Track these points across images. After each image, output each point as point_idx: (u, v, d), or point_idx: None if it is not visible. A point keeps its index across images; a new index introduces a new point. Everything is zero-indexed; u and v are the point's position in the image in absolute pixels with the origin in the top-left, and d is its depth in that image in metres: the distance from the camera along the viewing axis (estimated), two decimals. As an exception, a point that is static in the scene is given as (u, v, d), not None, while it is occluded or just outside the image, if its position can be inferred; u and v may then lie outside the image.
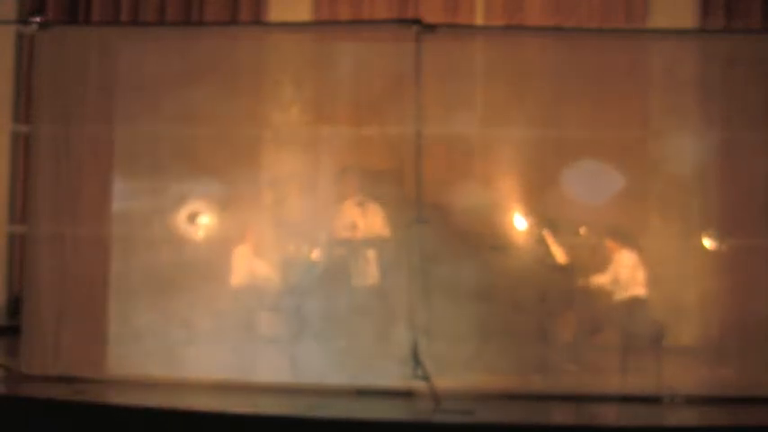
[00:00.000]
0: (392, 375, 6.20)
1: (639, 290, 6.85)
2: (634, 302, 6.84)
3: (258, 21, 9.16)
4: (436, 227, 6.43)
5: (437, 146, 6.56)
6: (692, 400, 6.16)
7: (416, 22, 6.49)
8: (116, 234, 6.78)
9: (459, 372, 6.20)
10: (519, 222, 6.96)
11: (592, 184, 6.72)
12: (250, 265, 7.02)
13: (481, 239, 6.64)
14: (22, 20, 8.64)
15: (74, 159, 6.78)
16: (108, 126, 6.80)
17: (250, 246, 7.07)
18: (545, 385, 6.29)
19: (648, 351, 6.64)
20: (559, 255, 6.92)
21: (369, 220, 6.99)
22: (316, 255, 6.89)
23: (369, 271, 6.73)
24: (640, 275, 6.86)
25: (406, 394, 6.12)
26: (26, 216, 7.22)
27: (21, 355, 6.67)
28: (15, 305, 8.17)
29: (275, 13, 9.28)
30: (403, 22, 6.71)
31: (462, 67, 6.80)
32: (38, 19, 7.02)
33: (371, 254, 6.79)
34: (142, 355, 6.49)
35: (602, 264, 6.98)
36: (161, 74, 6.82)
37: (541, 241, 6.93)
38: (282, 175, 6.99)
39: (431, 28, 6.49)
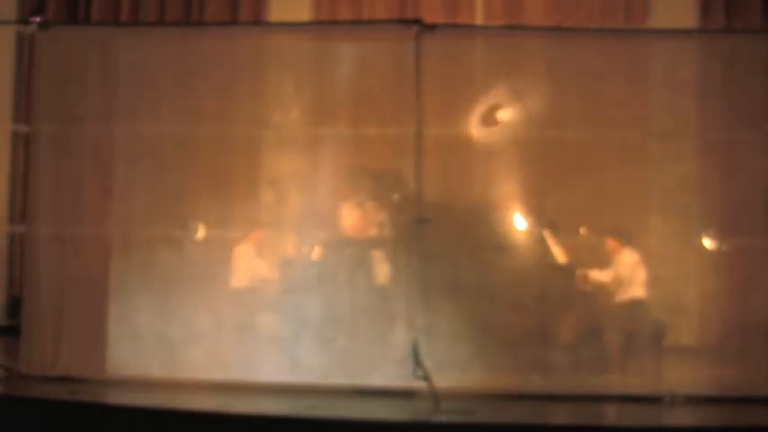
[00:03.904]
0: (392, 375, 6.20)
1: (639, 290, 6.85)
2: (634, 302, 6.84)
3: (258, 21, 9.17)
4: (436, 227, 6.43)
5: (437, 146, 6.55)
6: (692, 400, 6.16)
7: (416, 22, 6.50)
8: (116, 234, 6.77)
9: (459, 372, 6.20)
10: (519, 222, 6.96)
11: (591, 184, 6.72)
12: (250, 265, 7.02)
13: (481, 239, 6.63)
14: (22, 20, 8.65)
15: (74, 159, 6.79)
16: (108, 126, 6.80)
17: (250, 246, 7.06)
18: (545, 385, 6.29)
19: (648, 351, 6.64)
20: (559, 255, 6.92)
21: (369, 221, 6.99)
22: (316, 255, 6.89)
23: (368, 271, 6.72)
24: (640, 275, 6.86)
25: (406, 394, 6.12)
26: (26, 216, 7.22)
27: (21, 355, 6.67)
28: (15, 305, 8.17)
29: (275, 13, 9.28)
30: (403, 22, 6.71)
31: (462, 67, 6.80)
32: (38, 19, 7.03)
33: (371, 254, 6.78)
34: (142, 355, 6.49)
35: (602, 264, 6.98)
36: (161, 74, 6.82)
37: (541, 241, 6.93)
38: (282, 175, 6.99)
39: (431, 28, 6.50)
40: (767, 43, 6.70)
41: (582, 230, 6.96)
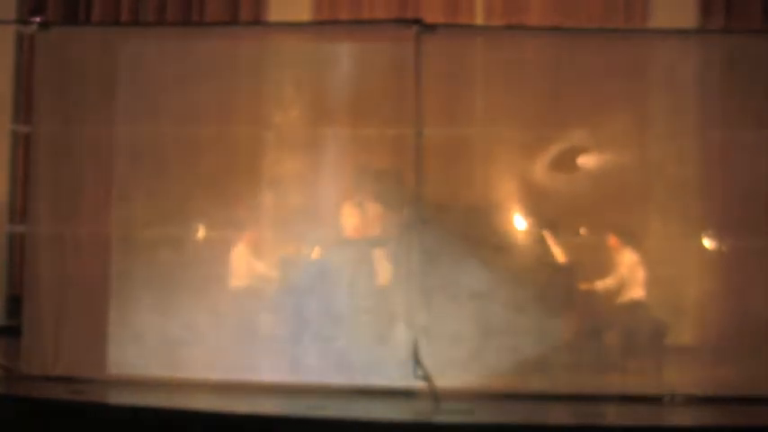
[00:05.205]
0: (392, 375, 6.20)
1: (639, 290, 6.85)
2: (634, 302, 6.84)
3: (258, 21, 9.17)
4: (436, 227, 6.44)
5: (437, 146, 6.56)
6: (692, 400, 6.16)
7: (416, 22, 6.50)
8: (116, 234, 6.77)
9: (459, 372, 6.20)
10: (519, 222, 6.96)
11: (591, 184, 6.73)
12: (250, 266, 7.02)
13: (481, 239, 6.63)
14: (22, 20, 8.64)
15: (74, 159, 6.79)
16: (108, 126, 6.81)
17: (250, 245, 7.06)
18: (545, 385, 6.29)
19: (648, 351, 6.65)
20: (559, 255, 6.92)
21: (369, 220, 6.99)
22: (316, 255, 6.89)
23: (368, 271, 6.72)
24: (640, 275, 6.86)
25: (406, 394, 6.12)
26: (26, 216, 7.22)
27: (21, 355, 6.68)
28: (15, 305, 8.17)
29: (275, 13, 9.28)
30: (403, 22, 6.71)
31: (462, 66, 6.80)
32: (38, 19, 7.04)
33: (371, 254, 6.79)
34: (142, 355, 6.49)
35: (602, 264, 6.98)
36: (161, 74, 6.82)
37: (541, 241, 6.93)
38: (283, 175, 6.99)
39: (431, 28, 6.50)
40: (767, 43, 6.70)
41: (582, 230, 6.96)
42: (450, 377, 6.10)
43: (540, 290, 6.54)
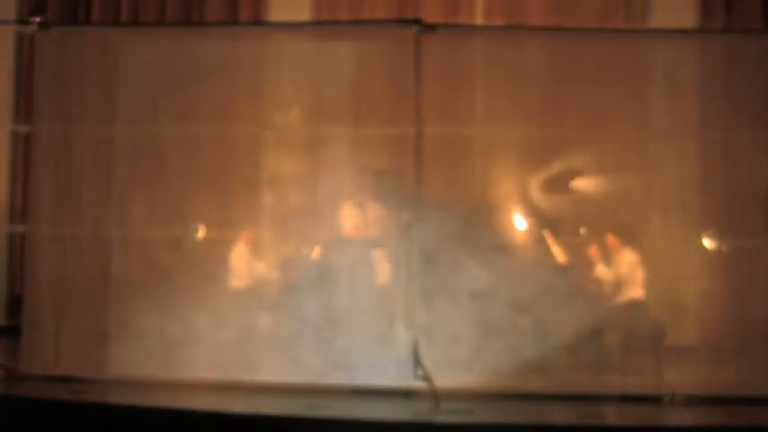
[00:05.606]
0: (392, 375, 6.20)
1: (639, 290, 6.85)
2: (634, 302, 6.84)
3: (258, 21, 9.18)
4: (436, 227, 6.44)
5: (437, 146, 6.56)
6: (692, 400, 6.16)
7: (416, 22, 6.50)
8: (116, 234, 6.78)
9: (459, 372, 6.20)
10: (519, 222, 6.96)
11: (591, 184, 6.73)
12: (250, 265, 7.02)
13: (481, 239, 6.63)
14: (22, 20, 8.65)
15: (74, 159, 6.80)
16: (108, 126, 6.81)
17: (250, 245, 7.06)
18: (545, 385, 6.29)
19: (648, 351, 6.65)
20: (559, 255, 6.92)
21: (369, 220, 6.99)
22: (316, 255, 6.89)
23: (368, 271, 6.72)
24: (640, 275, 6.86)
25: (406, 394, 6.12)
26: (26, 216, 7.23)
27: (21, 355, 6.68)
28: (16, 305, 8.17)
29: (275, 13, 9.29)
30: (403, 22, 6.72)
31: (462, 67, 6.80)
32: (38, 19, 7.03)
33: (371, 254, 6.79)
34: (142, 355, 6.49)
35: (602, 264, 6.98)
36: (161, 74, 6.83)
37: (541, 241, 6.93)
38: (283, 175, 6.99)
39: (431, 28, 6.50)
40: (767, 43, 6.70)
41: (582, 230, 6.96)
42: (450, 377, 6.10)
43: (540, 290, 6.54)
